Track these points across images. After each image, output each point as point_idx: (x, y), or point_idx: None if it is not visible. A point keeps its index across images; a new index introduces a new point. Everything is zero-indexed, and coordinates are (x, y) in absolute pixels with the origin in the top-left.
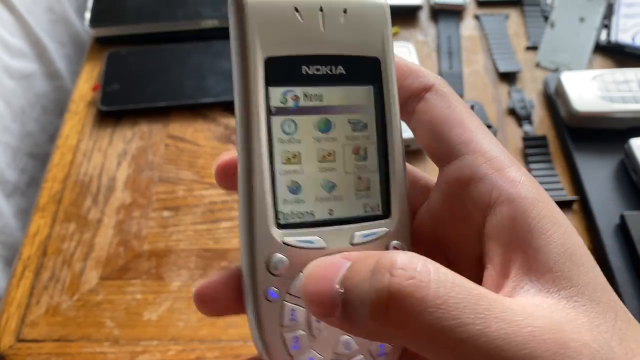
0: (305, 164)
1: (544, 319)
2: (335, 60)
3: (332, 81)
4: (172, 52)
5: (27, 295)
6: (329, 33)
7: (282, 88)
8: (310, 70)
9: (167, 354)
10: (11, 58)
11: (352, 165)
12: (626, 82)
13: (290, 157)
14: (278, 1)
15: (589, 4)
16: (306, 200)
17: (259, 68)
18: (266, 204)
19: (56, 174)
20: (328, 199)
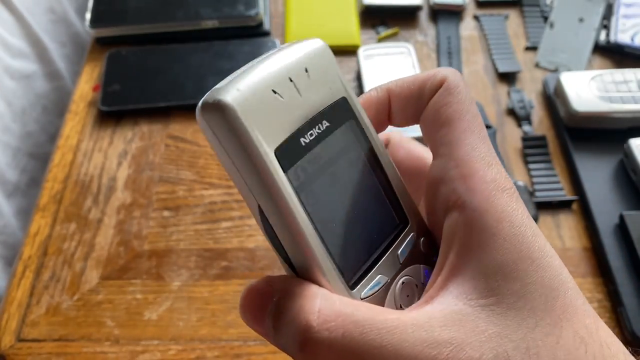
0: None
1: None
2: (318, 118)
3: (324, 136)
4: (172, 53)
5: (27, 295)
6: (305, 96)
7: (295, 167)
8: (307, 139)
9: (167, 353)
10: (12, 58)
11: (365, 195)
12: (625, 83)
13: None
14: (255, 90)
15: (588, 4)
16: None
17: (273, 163)
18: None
19: (57, 174)
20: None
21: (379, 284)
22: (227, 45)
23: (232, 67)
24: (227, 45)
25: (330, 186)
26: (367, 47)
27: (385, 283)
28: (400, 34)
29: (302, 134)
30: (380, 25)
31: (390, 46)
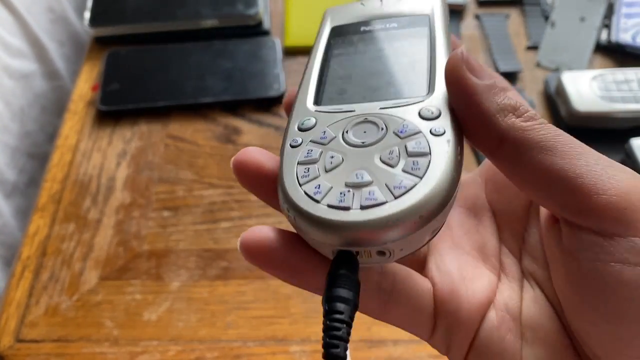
0: (354, 71)
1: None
2: (389, 19)
3: (387, 30)
4: (171, 52)
5: (26, 296)
6: (386, 7)
7: (343, 37)
8: (367, 28)
9: (166, 354)
10: (10, 58)
11: (401, 70)
12: (627, 82)
13: (342, 74)
14: (347, 3)
15: (590, 3)
16: (350, 97)
17: (325, 32)
18: (309, 90)
19: (55, 174)
20: (372, 89)
21: (340, 109)
22: (227, 45)
23: (232, 66)
24: (227, 45)
25: (368, 57)
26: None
27: (347, 110)
28: None
29: (365, 25)
30: None
31: None
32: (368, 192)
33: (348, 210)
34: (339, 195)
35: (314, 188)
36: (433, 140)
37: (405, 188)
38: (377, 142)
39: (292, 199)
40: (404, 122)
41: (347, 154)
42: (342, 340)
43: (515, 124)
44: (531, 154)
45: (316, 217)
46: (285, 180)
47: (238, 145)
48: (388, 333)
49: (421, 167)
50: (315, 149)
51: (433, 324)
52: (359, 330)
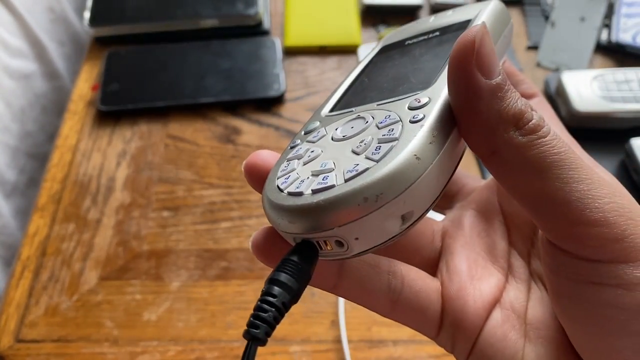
0: (376, 81)
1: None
2: (432, 30)
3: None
4: (171, 52)
5: (26, 296)
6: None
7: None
8: (411, 41)
9: (166, 354)
10: (11, 58)
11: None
12: (627, 82)
13: (367, 79)
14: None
15: (590, 3)
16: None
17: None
18: (330, 100)
19: (55, 174)
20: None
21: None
22: (227, 45)
23: (232, 66)
24: (227, 45)
25: (397, 64)
26: (367, 46)
27: (348, 111)
28: None
29: (410, 38)
30: (381, 24)
31: None
32: (323, 177)
33: (300, 195)
34: (298, 183)
35: (284, 179)
36: (407, 128)
37: (357, 171)
38: (357, 134)
39: (266, 190)
40: (389, 113)
41: (327, 147)
42: (266, 323)
43: (512, 140)
44: (521, 173)
45: (275, 204)
46: (271, 175)
47: (238, 145)
48: (388, 333)
49: (381, 152)
50: (303, 147)
51: (440, 323)
52: (359, 330)
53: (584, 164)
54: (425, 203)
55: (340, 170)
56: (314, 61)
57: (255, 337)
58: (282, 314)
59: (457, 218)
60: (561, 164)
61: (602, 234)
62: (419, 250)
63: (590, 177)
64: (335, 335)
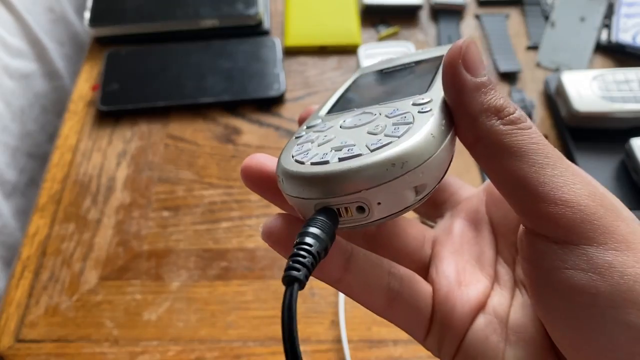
0: (365, 98)
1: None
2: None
3: (401, 69)
4: (171, 52)
5: (26, 296)
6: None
7: (361, 77)
8: (388, 70)
9: (166, 354)
10: (11, 58)
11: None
12: (627, 82)
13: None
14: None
15: (590, 3)
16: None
17: (353, 77)
18: (325, 106)
19: (55, 174)
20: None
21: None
22: (227, 45)
23: (232, 66)
24: (227, 45)
25: (379, 86)
26: (367, 46)
27: (352, 108)
28: (400, 33)
29: (388, 68)
30: (381, 24)
31: (391, 45)
32: (347, 149)
33: (327, 164)
34: (322, 155)
35: (303, 155)
36: (419, 116)
37: (382, 143)
38: (368, 122)
39: (282, 165)
40: (396, 107)
41: (340, 133)
42: (305, 267)
43: (494, 127)
44: (501, 157)
45: (298, 174)
46: (282, 156)
47: (238, 145)
48: (388, 333)
49: (401, 130)
50: (313, 135)
51: (429, 325)
52: (359, 330)
53: (561, 156)
54: (435, 179)
55: (362, 145)
56: (314, 61)
57: (296, 278)
58: (317, 262)
59: (447, 226)
60: (538, 152)
61: (573, 214)
62: (411, 255)
63: (566, 166)
64: (335, 335)
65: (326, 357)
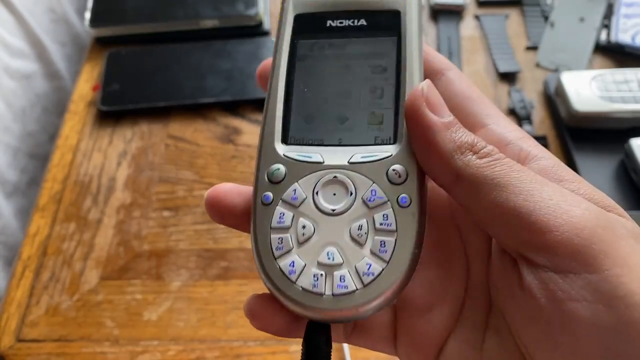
0: (322, 99)
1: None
2: (357, 14)
3: (355, 32)
4: (172, 52)
5: (27, 296)
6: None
7: (309, 40)
8: (334, 23)
9: (167, 354)
10: (11, 58)
11: (367, 102)
12: (626, 82)
13: (308, 94)
14: None
15: (589, 3)
16: (317, 129)
17: (289, 22)
18: (275, 125)
19: (56, 174)
20: (339, 130)
21: (308, 157)
22: (227, 45)
23: (232, 66)
24: (227, 45)
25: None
26: None
27: (316, 161)
28: None
29: (331, 17)
30: None
31: None
32: (339, 277)
33: (321, 296)
34: (313, 279)
35: (289, 266)
36: (399, 213)
37: (374, 275)
38: (346, 210)
39: (268, 274)
40: (371, 186)
41: (319, 223)
42: None
43: (471, 162)
44: (486, 191)
45: (291, 298)
46: (260, 248)
47: (238, 145)
48: None
49: (388, 249)
50: (287, 214)
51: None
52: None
53: (545, 180)
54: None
55: (352, 267)
56: None
57: None
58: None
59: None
60: (521, 179)
61: (570, 240)
62: None
63: (553, 188)
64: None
65: None
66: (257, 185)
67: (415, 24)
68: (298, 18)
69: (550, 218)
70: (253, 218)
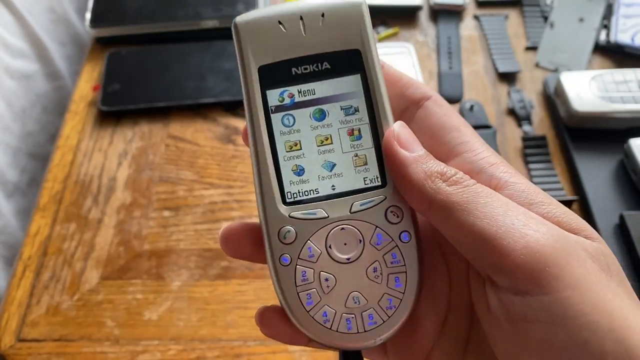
0: (306, 149)
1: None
2: (319, 58)
3: (321, 76)
4: (172, 53)
5: (27, 295)
6: (310, 36)
7: (278, 89)
8: (299, 70)
9: (167, 353)
10: (12, 58)
11: (349, 145)
12: (625, 82)
13: (292, 145)
14: (264, 17)
15: (589, 4)
16: (310, 180)
17: (254, 76)
18: (272, 187)
19: (57, 174)
20: (330, 177)
21: (313, 214)
22: (227, 45)
23: (232, 67)
24: (227, 45)
25: (311, 120)
26: None
27: (322, 217)
28: (400, 34)
29: (295, 65)
30: (381, 25)
31: (391, 46)
32: (368, 316)
33: (356, 334)
34: (347, 323)
35: (323, 316)
36: (404, 249)
37: (395, 308)
38: (359, 256)
39: (306, 326)
40: (376, 231)
41: (338, 273)
42: None
43: (441, 189)
44: (456, 215)
45: (332, 340)
46: (291, 305)
47: (238, 145)
48: None
49: (402, 283)
50: (308, 271)
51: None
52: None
53: (511, 205)
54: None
55: (376, 305)
56: None
57: None
58: None
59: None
60: (487, 204)
61: (526, 264)
62: None
63: (517, 211)
64: None
65: (326, 356)
66: (271, 246)
67: (376, 60)
68: (262, 69)
69: (510, 242)
70: (276, 279)
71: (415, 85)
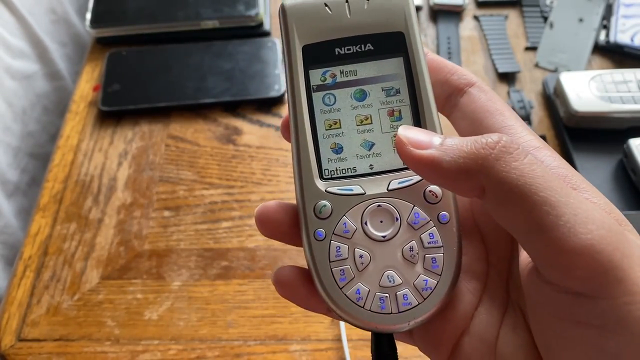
0: (345, 128)
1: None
2: (362, 39)
3: (364, 57)
4: (172, 53)
5: (28, 295)
6: (355, 18)
7: (320, 69)
8: (342, 51)
9: (167, 353)
10: (12, 58)
11: (388, 125)
12: (625, 83)
13: (331, 124)
14: (311, 1)
15: (588, 4)
16: (348, 158)
17: (298, 55)
18: (310, 162)
19: (57, 174)
20: (368, 156)
21: (350, 190)
22: (227, 46)
23: (232, 67)
24: (227, 46)
25: (352, 99)
26: None
27: (358, 193)
28: None
29: (338, 45)
30: None
31: None
32: (402, 296)
33: (390, 314)
34: (380, 302)
35: (356, 294)
36: (442, 230)
37: (431, 289)
38: (395, 235)
39: (337, 302)
40: (413, 209)
41: (373, 250)
42: None
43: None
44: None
45: (364, 320)
46: (324, 281)
47: (238, 145)
48: None
49: (439, 264)
50: (342, 247)
51: (413, 342)
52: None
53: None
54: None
55: (411, 285)
56: None
57: None
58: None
59: None
60: (547, 187)
61: (587, 264)
62: None
63: (579, 200)
64: (335, 334)
65: (326, 356)
66: (306, 221)
67: (419, 43)
68: (306, 49)
69: (569, 237)
70: (310, 253)
71: (460, 72)
